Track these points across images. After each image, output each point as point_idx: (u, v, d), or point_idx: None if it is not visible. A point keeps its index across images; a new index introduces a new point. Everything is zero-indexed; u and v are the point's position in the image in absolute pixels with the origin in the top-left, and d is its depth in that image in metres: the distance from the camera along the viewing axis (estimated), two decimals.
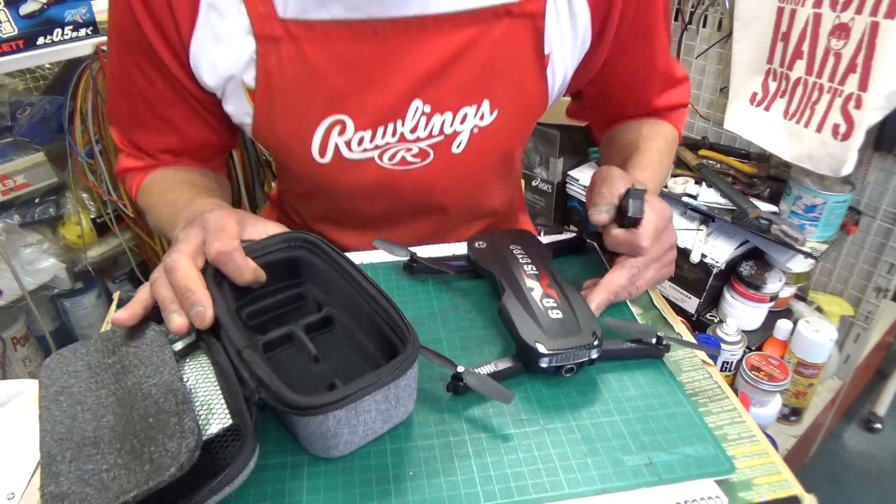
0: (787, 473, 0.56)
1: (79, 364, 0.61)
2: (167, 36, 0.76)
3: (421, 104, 0.80)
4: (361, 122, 0.80)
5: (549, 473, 0.56)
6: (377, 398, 0.55)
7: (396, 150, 0.83)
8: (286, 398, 0.52)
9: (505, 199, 1.04)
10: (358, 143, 0.82)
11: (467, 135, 0.84)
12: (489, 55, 0.79)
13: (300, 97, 0.78)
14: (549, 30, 0.80)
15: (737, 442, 0.60)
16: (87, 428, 0.54)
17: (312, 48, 0.75)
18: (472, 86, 0.81)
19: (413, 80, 0.78)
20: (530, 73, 0.83)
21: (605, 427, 0.61)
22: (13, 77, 1.95)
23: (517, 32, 0.79)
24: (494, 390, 0.61)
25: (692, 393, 0.65)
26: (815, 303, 1.96)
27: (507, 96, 0.83)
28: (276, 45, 0.75)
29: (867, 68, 1.46)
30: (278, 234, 0.69)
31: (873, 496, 1.99)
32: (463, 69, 0.79)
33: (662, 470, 0.56)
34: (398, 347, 0.58)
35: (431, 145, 0.84)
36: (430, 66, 0.78)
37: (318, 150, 0.82)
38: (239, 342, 0.57)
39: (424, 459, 0.58)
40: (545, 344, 0.64)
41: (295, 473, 0.57)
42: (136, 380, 0.57)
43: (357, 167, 0.84)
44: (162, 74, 0.80)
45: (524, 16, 0.78)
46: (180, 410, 0.52)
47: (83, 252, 1.98)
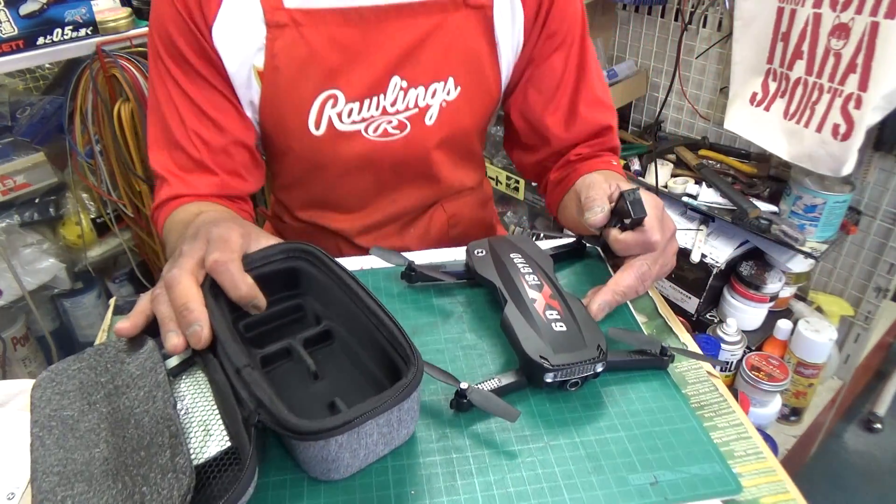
0: (794, 493, 0.56)
1: (71, 383, 0.60)
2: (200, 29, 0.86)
3: (399, 79, 0.93)
4: (351, 94, 0.92)
5: (554, 493, 0.56)
6: (380, 422, 0.54)
7: (379, 123, 0.95)
8: (286, 422, 0.51)
9: (476, 179, 1.14)
10: (348, 114, 0.93)
11: (437, 108, 0.96)
12: (451, 38, 0.93)
13: (300, 74, 0.89)
14: (497, 22, 0.94)
15: (743, 459, 0.59)
16: (78, 460, 0.52)
17: (311, 32, 0.88)
18: (439, 64, 0.93)
19: (392, 58, 0.91)
20: (485, 58, 0.96)
21: (610, 444, 0.61)
22: (13, 77, 1.94)
23: (471, 21, 0.93)
24: (500, 408, 0.61)
25: (698, 407, 0.65)
26: (815, 303, 1.96)
27: (468, 76, 0.96)
28: (281, 31, 0.87)
29: (867, 68, 1.45)
30: (277, 245, 0.68)
31: (873, 496, 1.99)
32: (431, 49, 0.92)
33: (668, 490, 0.56)
34: (401, 367, 0.57)
35: (408, 117, 0.96)
36: (406, 46, 0.91)
37: (314, 122, 0.93)
38: (238, 360, 0.56)
39: (426, 477, 0.58)
40: (550, 359, 0.63)
41: (295, 493, 0.56)
42: (128, 403, 0.56)
43: (347, 139, 0.95)
44: (199, 75, 0.90)
45: (476, 7, 0.92)
46: (173, 445, 0.50)
47: (83, 252, 1.98)
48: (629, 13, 2.14)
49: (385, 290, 0.82)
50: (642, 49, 2.16)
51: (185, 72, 0.89)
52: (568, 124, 1.01)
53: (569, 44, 0.98)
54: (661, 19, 2.05)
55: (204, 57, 0.88)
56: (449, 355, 0.71)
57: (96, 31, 1.63)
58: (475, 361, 0.70)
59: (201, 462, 0.53)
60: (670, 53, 2.05)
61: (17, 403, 0.79)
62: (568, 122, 1.01)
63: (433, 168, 1.03)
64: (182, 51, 0.87)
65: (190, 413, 0.57)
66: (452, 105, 0.97)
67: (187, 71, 0.89)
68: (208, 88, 0.90)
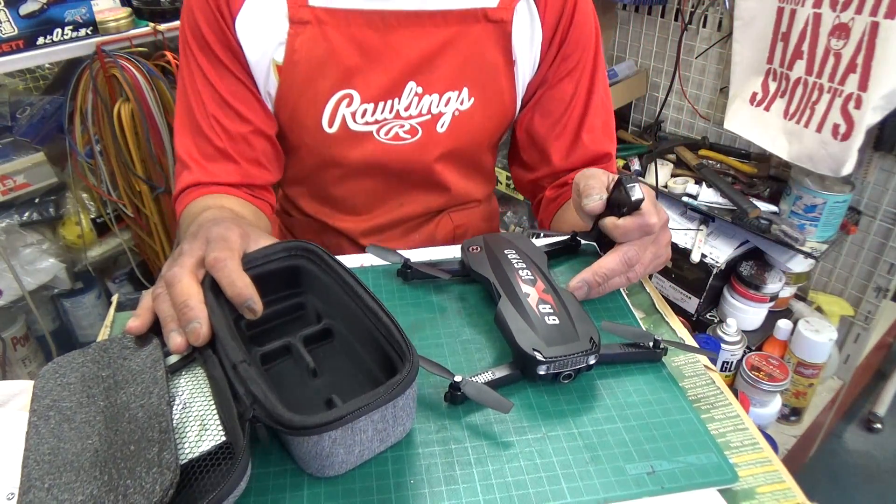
0: (790, 482, 0.56)
1: (73, 376, 0.60)
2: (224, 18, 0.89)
3: (415, 85, 0.94)
4: (366, 95, 0.93)
5: (552, 482, 0.56)
6: (374, 418, 0.54)
7: (392, 126, 0.96)
8: (280, 417, 0.51)
9: (484, 193, 1.15)
10: (361, 115, 0.94)
11: (450, 116, 0.97)
12: (469, 50, 0.93)
13: (318, 72, 0.91)
14: (516, 38, 0.94)
15: (739, 449, 0.60)
16: (70, 450, 0.53)
17: (333, 31, 0.89)
18: (455, 74, 0.94)
19: (410, 64, 0.92)
20: (501, 72, 0.96)
21: (607, 434, 0.61)
22: (13, 77, 1.95)
23: (490, 34, 0.93)
24: (493, 400, 0.61)
25: (694, 399, 0.65)
26: (815, 303, 1.96)
27: (483, 87, 0.96)
28: (304, 28, 0.89)
29: (867, 68, 1.46)
30: (278, 243, 0.69)
31: (873, 496, 1.99)
32: (448, 58, 0.93)
33: (665, 479, 0.56)
34: (397, 364, 0.57)
35: (420, 123, 0.96)
36: (424, 53, 0.92)
37: (328, 120, 0.94)
38: (235, 356, 0.56)
39: (426, 467, 0.58)
40: (543, 351, 0.63)
41: (296, 482, 0.57)
42: (126, 398, 0.56)
43: (359, 140, 0.96)
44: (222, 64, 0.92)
45: (496, 21, 0.93)
46: (162, 440, 0.51)
47: (83, 252, 1.98)
48: (629, 13, 2.14)
49: (384, 287, 0.82)
50: (642, 49, 2.16)
51: (210, 60, 0.92)
52: (570, 151, 1.02)
53: (580, 69, 0.99)
54: (661, 19, 2.06)
55: (228, 47, 0.90)
56: (448, 349, 0.71)
57: (96, 31, 1.64)
58: (474, 355, 0.71)
59: (196, 456, 0.53)
60: (670, 53, 2.06)
61: (17, 403, 0.79)
62: (570, 150, 1.02)
63: (441, 176, 1.03)
64: (208, 40, 0.90)
65: (187, 408, 0.57)
66: (465, 115, 0.97)
67: (212, 59, 0.91)
68: (230, 78, 0.92)
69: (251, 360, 0.57)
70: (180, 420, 0.56)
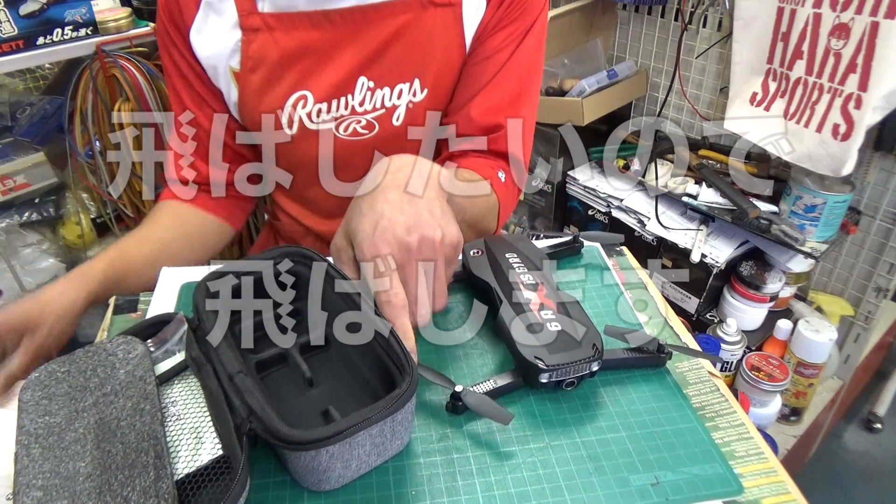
0: (795, 493, 0.56)
1: (59, 387, 0.59)
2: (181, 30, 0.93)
3: (366, 80, 0.94)
4: (319, 95, 0.94)
5: (555, 493, 0.56)
6: (373, 433, 0.53)
7: (349, 122, 0.96)
8: (277, 431, 0.50)
9: None
10: (317, 114, 0.95)
11: (404, 108, 0.96)
12: (416, 39, 0.92)
13: (273, 77, 0.93)
14: (467, 20, 0.93)
15: (744, 459, 0.59)
16: (62, 473, 0.51)
17: (282, 35, 0.91)
18: (405, 65, 0.94)
19: (359, 60, 0.92)
20: (455, 59, 0.95)
21: (611, 444, 0.60)
22: (13, 77, 1.94)
23: (441, 20, 0.92)
24: (493, 412, 0.60)
25: (699, 407, 0.65)
26: (815, 303, 1.96)
27: (436, 77, 0.95)
28: (256, 35, 0.91)
29: (867, 68, 1.45)
30: (276, 248, 0.68)
31: (873, 496, 1.99)
32: (397, 50, 0.93)
33: (669, 490, 0.56)
34: (395, 376, 0.56)
35: (376, 117, 0.96)
36: (372, 47, 0.92)
37: (286, 121, 0.95)
38: (231, 366, 0.55)
39: (427, 478, 0.57)
40: (545, 359, 0.63)
41: (296, 493, 0.56)
42: (115, 413, 0.55)
43: (319, 137, 0.97)
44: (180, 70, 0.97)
45: (443, 5, 0.91)
46: (157, 467, 0.50)
47: (83, 252, 1.97)
48: (629, 13, 2.13)
49: None
50: (642, 49, 2.15)
51: (176, 65, 0.97)
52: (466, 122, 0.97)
53: (511, 34, 0.95)
54: (661, 19, 2.05)
55: (189, 55, 0.95)
56: (449, 355, 0.71)
57: (96, 31, 1.63)
58: (476, 361, 0.70)
59: (192, 470, 0.52)
60: (670, 53, 2.05)
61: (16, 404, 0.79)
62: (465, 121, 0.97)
63: None
64: (169, 48, 0.96)
65: (182, 419, 0.56)
66: (419, 106, 0.97)
67: (177, 64, 0.97)
68: (186, 82, 0.98)
69: (247, 371, 0.57)
70: (174, 432, 0.55)
